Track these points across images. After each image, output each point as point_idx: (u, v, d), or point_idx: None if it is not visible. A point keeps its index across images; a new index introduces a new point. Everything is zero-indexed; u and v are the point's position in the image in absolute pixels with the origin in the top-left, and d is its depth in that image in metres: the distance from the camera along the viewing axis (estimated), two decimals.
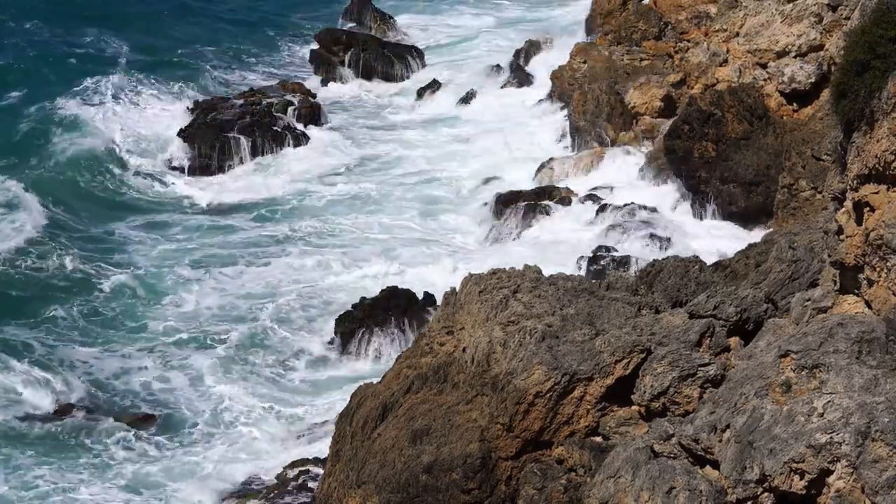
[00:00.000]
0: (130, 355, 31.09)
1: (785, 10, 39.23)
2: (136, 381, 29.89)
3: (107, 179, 43.49)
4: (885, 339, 13.69)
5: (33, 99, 49.63)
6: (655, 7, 47.57)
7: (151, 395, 29.40)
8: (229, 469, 26.23)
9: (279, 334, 32.34)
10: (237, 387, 29.66)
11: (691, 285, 21.42)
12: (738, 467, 13.40)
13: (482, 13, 67.06)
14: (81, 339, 31.79)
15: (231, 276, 35.76)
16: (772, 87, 37.86)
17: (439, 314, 21.26)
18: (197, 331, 32.45)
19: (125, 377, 30.07)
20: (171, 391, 29.54)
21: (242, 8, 66.77)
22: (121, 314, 33.32)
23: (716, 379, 16.80)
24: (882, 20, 14.90)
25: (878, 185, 14.83)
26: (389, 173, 44.54)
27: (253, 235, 39.15)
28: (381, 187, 43.06)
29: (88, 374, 30.01)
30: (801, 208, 31.90)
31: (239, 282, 35.42)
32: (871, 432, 12.61)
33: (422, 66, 56.42)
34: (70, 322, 32.64)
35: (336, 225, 39.75)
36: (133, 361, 30.78)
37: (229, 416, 28.44)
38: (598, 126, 42.36)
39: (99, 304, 33.82)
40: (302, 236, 38.96)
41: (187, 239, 38.71)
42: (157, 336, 32.11)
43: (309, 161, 45.62)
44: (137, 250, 37.48)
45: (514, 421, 17.60)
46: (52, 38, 58.08)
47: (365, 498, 18.79)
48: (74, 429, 27.63)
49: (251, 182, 43.94)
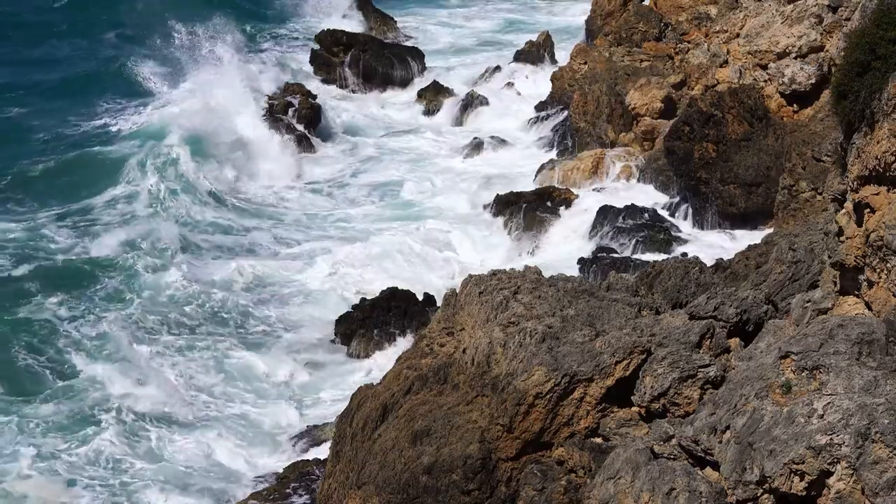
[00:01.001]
0: (126, 349, 31.12)
1: (785, 12, 39.24)
2: (135, 380, 29.87)
3: (107, 180, 43.50)
4: (886, 341, 13.68)
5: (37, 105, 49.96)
6: (656, 8, 47.60)
7: (150, 395, 29.37)
8: (229, 469, 26.23)
9: (278, 334, 32.36)
10: (237, 387, 29.67)
11: (691, 286, 21.43)
12: (738, 468, 13.40)
13: (482, 14, 67.12)
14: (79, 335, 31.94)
15: (230, 275, 35.77)
16: (772, 89, 37.88)
17: (439, 315, 21.27)
18: (196, 330, 32.44)
19: (124, 371, 30.04)
20: (171, 391, 29.50)
21: (242, 8, 66.77)
22: (110, 305, 33.38)
23: (716, 380, 16.80)
24: (882, 21, 14.90)
25: (879, 186, 14.83)
26: (389, 173, 44.57)
27: (252, 235, 39.18)
28: (381, 187, 43.08)
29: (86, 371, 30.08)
30: (802, 209, 31.91)
31: (238, 282, 35.45)
32: (871, 434, 12.61)
33: (422, 68, 56.46)
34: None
35: (335, 225, 39.78)
36: (129, 356, 30.78)
37: (229, 416, 28.43)
38: (598, 127, 42.39)
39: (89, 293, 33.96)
40: (301, 235, 38.98)
41: (191, 240, 38.71)
42: (154, 335, 32.10)
43: (308, 161, 45.67)
44: (129, 251, 37.52)
45: (514, 422, 17.61)
46: (42, 43, 58.34)
47: (365, 499, 18.79)
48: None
49: (251, 181, 43.99)
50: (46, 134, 47.57)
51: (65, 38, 60.90)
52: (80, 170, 43.57)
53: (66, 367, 30.05)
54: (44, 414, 27.89)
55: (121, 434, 27.29)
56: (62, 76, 54.51)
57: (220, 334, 32.33)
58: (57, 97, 51.62)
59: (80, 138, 47.28)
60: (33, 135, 47.55)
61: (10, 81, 53.73)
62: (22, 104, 51.00)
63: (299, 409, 28.75)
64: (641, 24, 46.59)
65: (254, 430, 27.92)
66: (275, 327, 32.88)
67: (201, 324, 32.88)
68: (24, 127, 48.37)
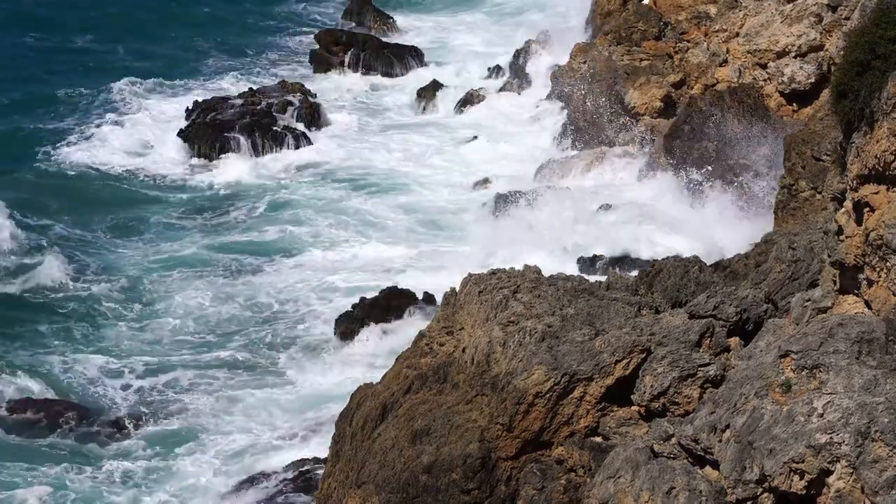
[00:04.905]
0: (125, 354, 31.11)
1: (785, 11, 39.24)
2: (134, 382, 29.88)
3: (108, 181, 43.47)
4: (885, 340, 13.68)
5: (28, 104, 49.74)
6: (655, 7, 47.53)
7: (149, 395, 29.39)
8: (229, 469, 26.22)
9: (277, 334, 32.34)
10: (235, 387, 29.66)
11: (691, 285, 21.41)
12: (737, 467, 13.40)
13: (483, 14, 67.05)
14: (75, 342, 31.85)
15: (227, 275, 35.76)
16: (772, 88, 37.89)
17: (439, 314, 21.25)
18: (194, 330, 32.44)
19: (120, 377, 30.05)
20: (170, 391, 29.52)
21: (242, 8, 66.76)
22: (113, 313, 33.29)
23: (716, 379, 16.80)
24: (882, 20, 14.88)
25: (878, 185, 14.82)
26: (388, 174, 44.53)
27: (251, 234, 39.16)
28: (381, 188, 43.05)
29: (83, 376, 30.06)
30: (801, 208, 31.87)
31: (237, 281, 35.43)
32: (870, 432, 12.61)
33: (422, 67, 56.41)
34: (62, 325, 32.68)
35: (333, 225, 39.74)
36: (127, 362, 30.78)
37: (228, 416, 28.43)
38: (597, 126, 42.37)
39: (92, 303, 33.84)
40: (299, 236, 38.94)
41: (183, 238, 38.69)
42: (153, 335, 32.10)
43: (307, 162, 45.68)
44: (131, 253, 37.46)
45: (513, 421, 17.60)
46: (46, 45, 58.13)
47: (365, 498, 18.78)
48: (64, 433, 27.66)
49: (251, 182, 44.00)
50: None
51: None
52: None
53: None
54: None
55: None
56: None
57: (216, 332, 32.38)
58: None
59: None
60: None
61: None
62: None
63: (299, 409, 28.75)
64: (641, 23, 46.51)
65: (252, 429, 27.92)
66: (271, 323, 32.85)
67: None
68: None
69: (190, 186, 43.30)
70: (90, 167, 44.21)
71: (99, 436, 27.66)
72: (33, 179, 42.79)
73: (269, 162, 45.29)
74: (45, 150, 45.44)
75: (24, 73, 53.67)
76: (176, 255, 37.23)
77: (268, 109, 48.37)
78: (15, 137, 46.66)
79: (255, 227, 39.81)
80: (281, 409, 28.75)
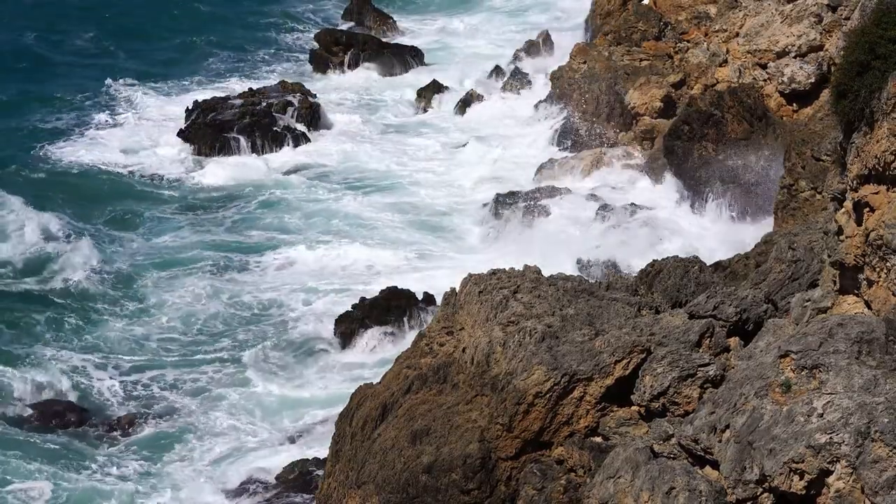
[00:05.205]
0: (126, 354, 31.09)
1: (785, 11, 39.25)
2: (133, 382, 29.87)
3: (107, 180, 43.46)
4: (885, 340, 13.68)
5: (28, 104, 49.72)
6: (655, 7, 47.55)
7: (149, 396, 29.38)
8: (228, 469, 26.22)
9: (277, 334, 32.34)
10: (235, 387, 29.66)
11: (691, 286, 21.42)
12: (737, 467, 13.40)
13: (482, 14, 67.05)
14: (66, 338, 31.86)
15: (227, 275, 35.76)
16: (772, 88, 37.89)
17: (439, 314, 21.25)
18: (194, 330, 32.44)
19: (121, 378, 30.03)
20: (169, 392, 29.52)
21: (242, 8, 66.81)
22: (111, 313, 33.28)
23: (715, 379, 16.80)
24: (882, 20, 14.89)
25: (878, 185, 14.83)
26: (387, 174, 44.53)
27: (249, 234, 39.15)
28: (380, 188, 43.05)
29: (74, 373, 30.06)
30: (801, 209, 31.89)
31: (236, 281, 35.44)
32: (870, 433, 12.61)
33: (422, 67, 56.41)
34: (63, 322, 32.69)
35: (332, 225, 39.75)
36: (129, 362, 30.77)
37: (228, 416, 28.42)
38: (597, 126, 42.36)
39: (92, 302, 33.84)
40: (295, 235, 38.93)
41: (184, 238, 38.68)
42: (152, 336, 32.10)
43: (307, 162, 45.68)
44: (133, 250, 37.45)
45: (513, 421, 17.60)
46: (46, 45, 58.14)
47: (365, 498, 18.79)
48: (66, 432, 27.63)
49: (250, 182, 44.01)
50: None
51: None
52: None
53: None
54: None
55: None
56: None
57: (216, 332, 32.36)
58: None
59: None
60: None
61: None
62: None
63: (299, 409, 28.74)
64: (641, 23, 46.54)
65: (252, 429, 27.91)
66: (271, 325, 32.86)
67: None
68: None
69: (189, 187, 43.26)
70: (90, 166, 44.22)
71: (91, 435, 27.60)
72: (33, 178, 42.73)
73: (269, 162, 45.28)
74: (45, 148, 45.44)
75: (25, 73, 53.70)
76: (176, 256, 37.21)
77: (267, 109, 48.37)
78: (14, 136, 46.64)
79: (252, 226, 39.80)
80: (280, 408, 28.73)
